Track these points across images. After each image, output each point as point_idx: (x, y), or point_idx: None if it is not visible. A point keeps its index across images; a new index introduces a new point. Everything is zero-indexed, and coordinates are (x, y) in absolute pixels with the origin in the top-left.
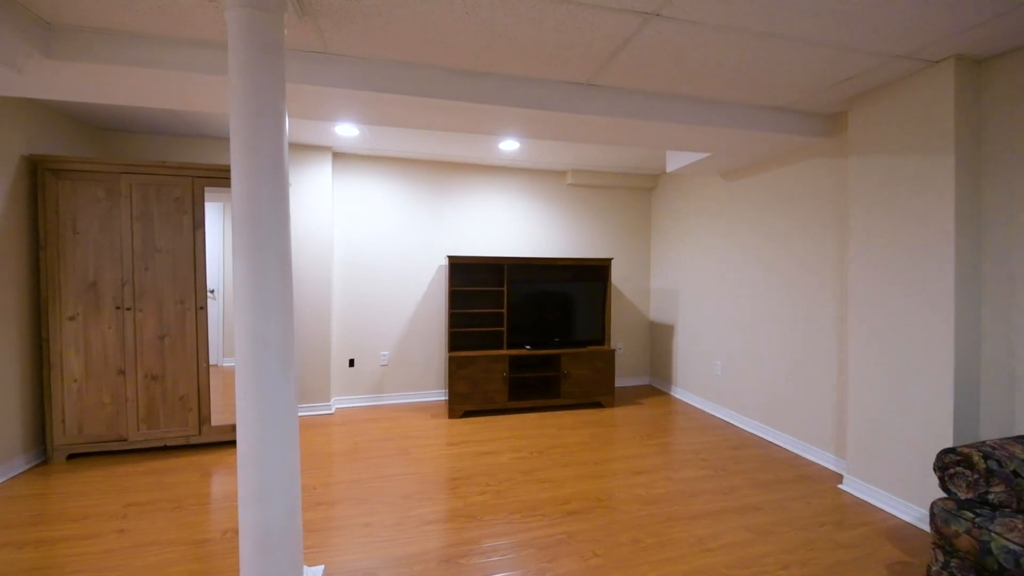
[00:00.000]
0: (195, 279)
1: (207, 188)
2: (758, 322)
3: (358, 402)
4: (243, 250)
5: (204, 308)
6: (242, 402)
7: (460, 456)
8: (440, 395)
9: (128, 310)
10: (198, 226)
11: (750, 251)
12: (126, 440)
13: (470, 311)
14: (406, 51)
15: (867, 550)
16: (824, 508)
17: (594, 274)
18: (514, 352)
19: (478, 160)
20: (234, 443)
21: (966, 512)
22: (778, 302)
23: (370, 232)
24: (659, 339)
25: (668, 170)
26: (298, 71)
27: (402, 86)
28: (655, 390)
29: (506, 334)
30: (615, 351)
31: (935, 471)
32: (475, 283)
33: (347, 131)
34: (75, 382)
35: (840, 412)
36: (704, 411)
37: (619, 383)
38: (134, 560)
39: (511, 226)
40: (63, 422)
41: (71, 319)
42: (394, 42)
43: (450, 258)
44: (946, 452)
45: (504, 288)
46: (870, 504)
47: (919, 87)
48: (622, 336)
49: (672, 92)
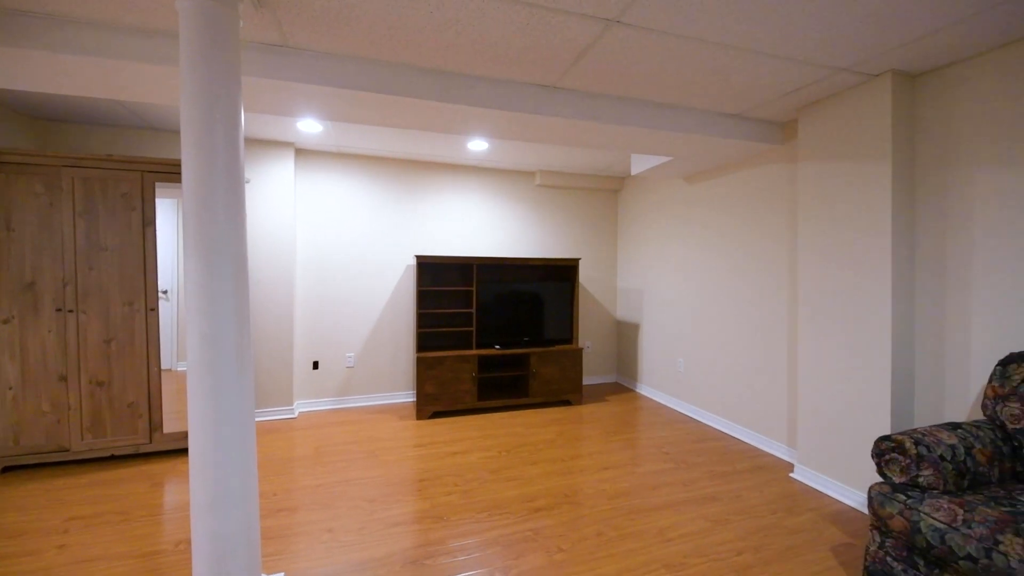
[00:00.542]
0: (145, 279)
1: (159, 184)
2: (717, 320)
3: (323, 405)
4: (194, 248)
5: (155, 310)
6: (194, 405)
7: (428, 457)
8: (408, 396)
9: (71, 312)
10: (148, 223)
11: (710, 252)
12: (68, 450)
13: (439, 311)
14: (369, 47)
15: (814, 534)
16: (776, 496)
17: (562, 274)
18: (483, 352)
19: (447, 159)
20: (188, 450)
21: (899, 495)
22: (736, 301)
23: (335, 231)
24: (625, 337)
25: (632, 173)
26: (256, 64)
27: (365, 82)
28: (622, 387)
29: (475, 334)
30: (583, 350)
31: (872, 457)
32: (444, 283)
33: (310, 127)
34: (10, 390)
35: (792, 404)
36: (668, 407)
37: (587, 381)
38: None
39: (480, 226)
40: None
41: (5, 322)
42: (356, 37)
43: (418, 258)
44: (882, 439)
45: (473, 288)
46: (817, 491)
47: (861, 98)
48: (590, 335)
49: (635, 96)
